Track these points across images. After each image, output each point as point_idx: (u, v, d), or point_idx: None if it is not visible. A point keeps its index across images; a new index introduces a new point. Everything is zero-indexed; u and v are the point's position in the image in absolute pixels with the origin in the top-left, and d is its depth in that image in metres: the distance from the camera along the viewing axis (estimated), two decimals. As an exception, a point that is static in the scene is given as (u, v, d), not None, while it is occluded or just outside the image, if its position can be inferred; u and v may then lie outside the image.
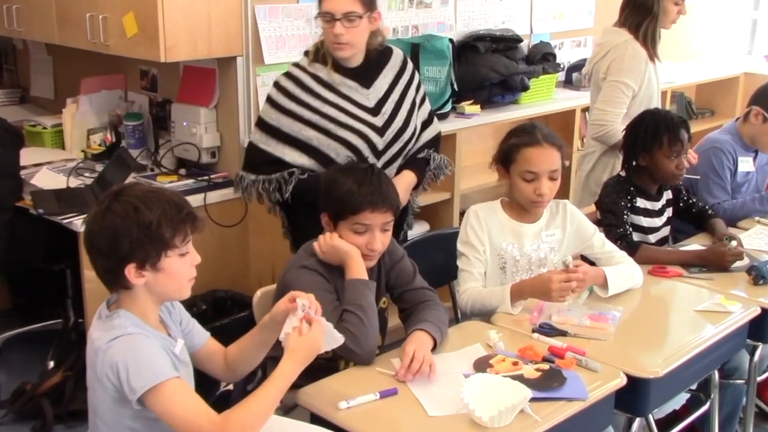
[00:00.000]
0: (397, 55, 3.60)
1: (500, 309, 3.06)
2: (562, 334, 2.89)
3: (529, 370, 2.59)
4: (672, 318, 3.17)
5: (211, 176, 4.28)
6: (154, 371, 2.14)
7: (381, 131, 3.47)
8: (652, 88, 4.41)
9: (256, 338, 2.49)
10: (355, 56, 3.43)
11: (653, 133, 3.66)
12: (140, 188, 2.28)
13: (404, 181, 3.55)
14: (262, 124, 3.48)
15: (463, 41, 5.18)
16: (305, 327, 2.30)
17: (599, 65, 4.39)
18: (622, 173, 3.83)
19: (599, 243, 3.35)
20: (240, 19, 4.14)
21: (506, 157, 3.20)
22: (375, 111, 3.47)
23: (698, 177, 4.07)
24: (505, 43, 5.30)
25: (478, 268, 3.20)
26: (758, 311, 3.16)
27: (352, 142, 3.41)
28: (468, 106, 5.08)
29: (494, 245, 3.22)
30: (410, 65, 3.64)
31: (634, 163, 3.75)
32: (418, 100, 3.64)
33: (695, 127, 6.56)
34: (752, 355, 3.35)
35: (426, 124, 3.69)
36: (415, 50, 4.79)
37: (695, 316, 3.10)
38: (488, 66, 5.12)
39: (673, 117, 3.73)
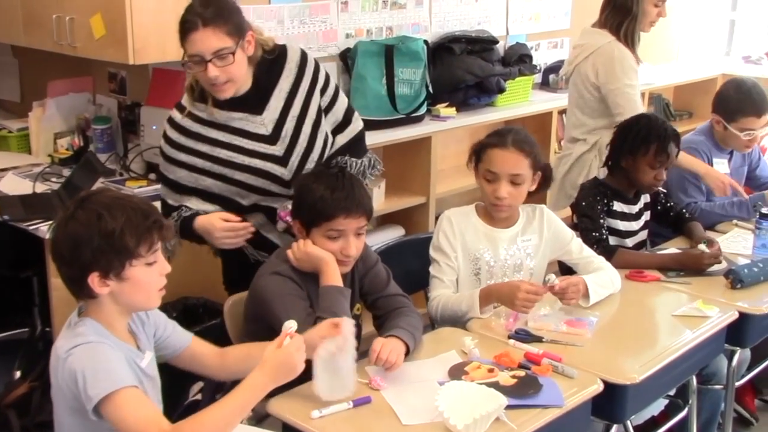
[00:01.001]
0: (293, 57, 3.21)
1: (469, 314, 3.06)
2: (538, 340, 2.90)
3: (505, 377, 2.59)
4: (649, 323, 3.19)
5: (182, 181, 4.25)
6: (111, 379, 2.13)
7: (284, 161, 3.14)
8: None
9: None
10: (240, 87, 3.10)
11: (643, 138, 3.66)
12: (107, 195, 2.27)
13: None
14: (163, 179, 3.24)
15: (438, 43, 5.19)
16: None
17: (582, 67, 4.39)
18: (599, 176, 3.85)
19: (577, 249, 3.36)
20: (210, 20, 4.12)
21: (477, 156, 3.23)
22: (273, 138, 3.14)
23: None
24: (480, 45, 5.30)
25: (449, 275, 3.20)
26: (736, 315, 3.18)
27: (252, 184, 3.13)
28: (443, 109, 5.09)
29: (468, 251, 3.23)
30: (311, 65, 3.24)
31: (617, 162, 3.75)
32: (324, 104, 3.25)
33: (673, 129, 6.63)
34: (730, 360, 3.38)
35: (341, 126, 3.32)
36: (389, 52, 4.79)
37: (673, 320, 3.12)
38: (464, 68, 5.13)
39: (666, 128, 3.73)
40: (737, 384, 3.54)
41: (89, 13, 4.00)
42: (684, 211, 3.93)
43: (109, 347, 2.20)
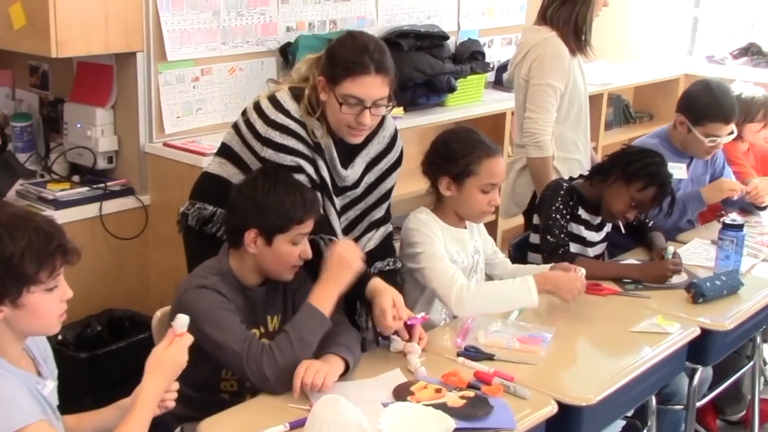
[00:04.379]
0: (388, 128, 3.27)
1: (521, 303, 3.11)
2: (489, 357, 2.89)
3: (453, 398, 2.58)
4: (606, 339, 3.19)
5: (108, 183, 4.21)
6: (12, 416, 2.05)
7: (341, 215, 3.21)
8: (579, 87, 4.37)
9: (108, 419, 2.41)
10: None
11: (649, 174, 3.60)
12: (7, 212, 2.18)
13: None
14: (239, 162, 3.16)
15: (385, 38, 5.15)
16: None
17: (520, 66, 4.37)
18: (566, 179, 3.86)
19: (493, 244, 3.55)
20: (140, 10, 4.09)
21: (465, 171, 3.24)
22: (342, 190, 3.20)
23: None
24: (430, 41, 5.30)
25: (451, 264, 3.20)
26: (698, 332, 3.20)
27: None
28: (390, 109, 5.07)
29: (448, 251, 3.24)
30: (399, 144, 3.32)
31: (605, 176, 3.69)
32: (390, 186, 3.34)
33: (633, 132, 6.70)
34: (691, 378, 3.40)
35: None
36: (333, 47, 4.76)
37: (631, 337, 3.14)
38: (412, 65, 5.12)
39: (671, 185, 3.71)
40: (698, 404, 3.56)
41: (8, 2, 3.95)
42: (647, 220, 3.94)
43: (5, 378, 2.12)
